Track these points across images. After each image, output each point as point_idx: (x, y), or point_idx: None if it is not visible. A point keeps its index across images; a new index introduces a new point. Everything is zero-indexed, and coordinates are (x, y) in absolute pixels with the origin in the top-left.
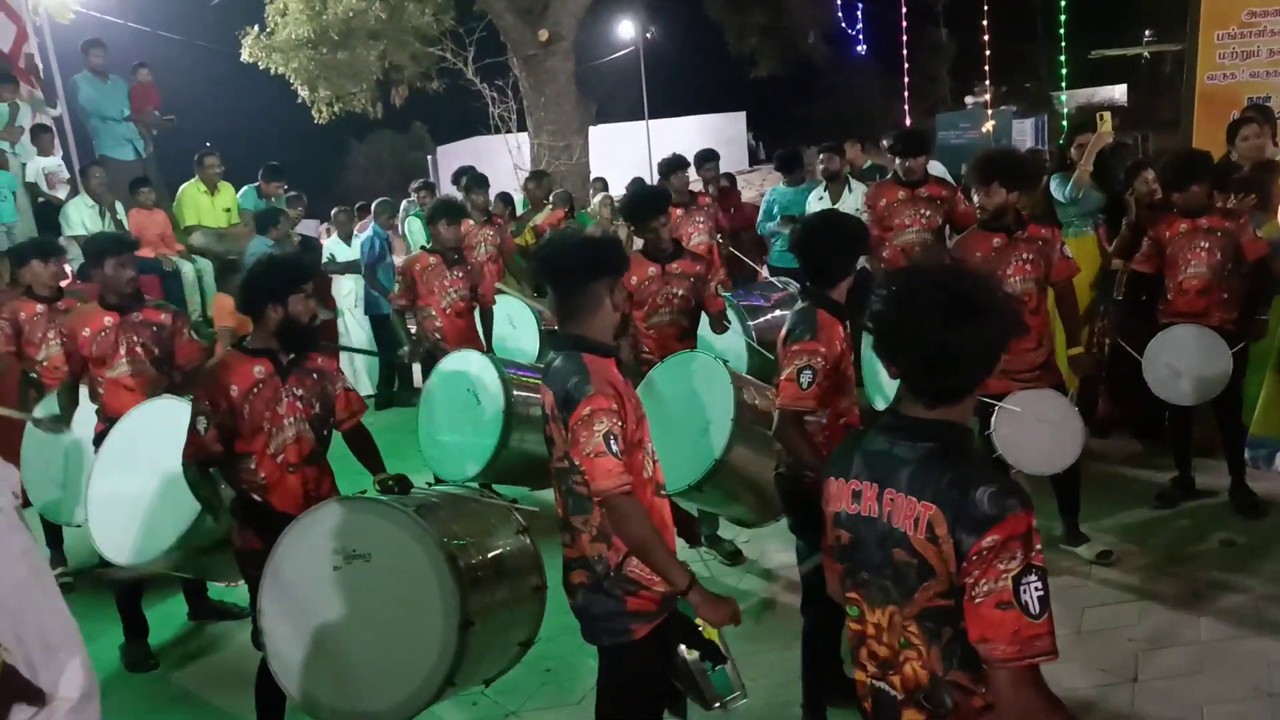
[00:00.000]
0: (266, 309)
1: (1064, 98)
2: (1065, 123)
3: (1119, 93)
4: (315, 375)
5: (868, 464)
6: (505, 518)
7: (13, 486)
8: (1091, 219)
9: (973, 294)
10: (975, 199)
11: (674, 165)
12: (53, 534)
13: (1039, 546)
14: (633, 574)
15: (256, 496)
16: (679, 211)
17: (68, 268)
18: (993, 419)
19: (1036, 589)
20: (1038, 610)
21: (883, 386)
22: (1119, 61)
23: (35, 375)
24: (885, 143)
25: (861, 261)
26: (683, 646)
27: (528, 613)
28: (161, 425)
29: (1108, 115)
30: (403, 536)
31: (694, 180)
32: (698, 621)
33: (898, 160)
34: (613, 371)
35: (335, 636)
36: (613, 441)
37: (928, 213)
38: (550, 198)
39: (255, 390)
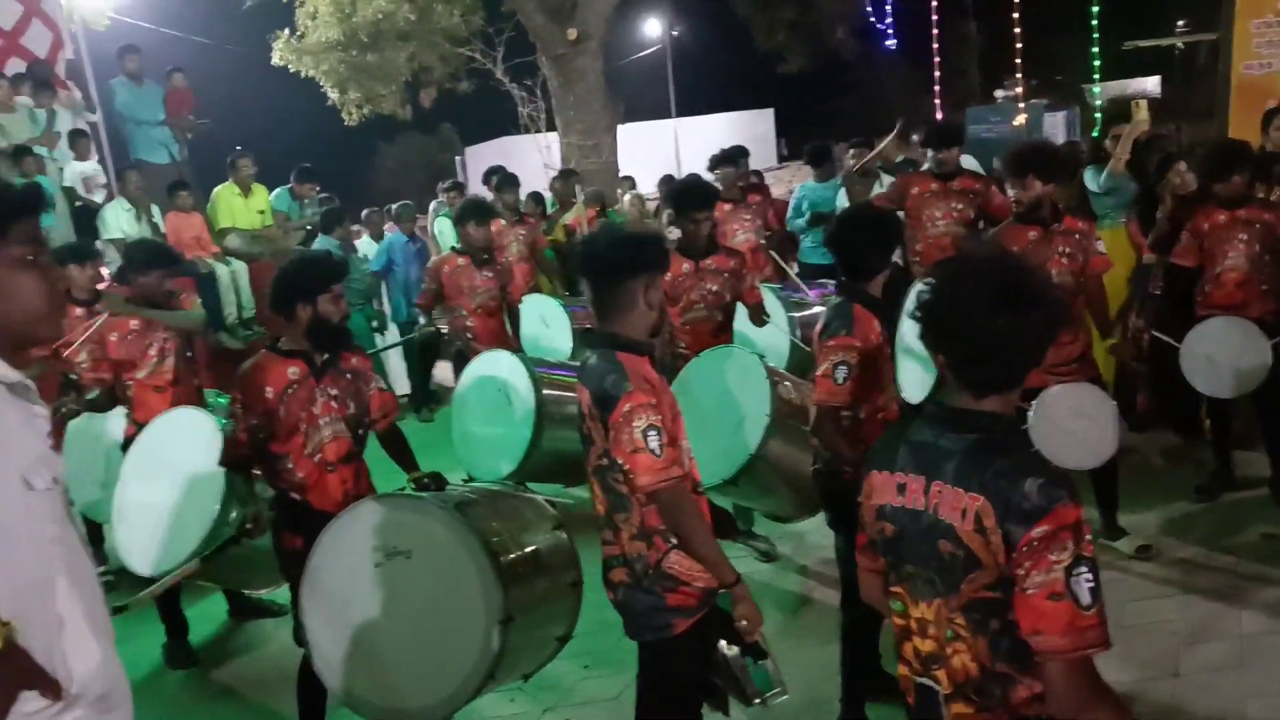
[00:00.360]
0: (296, 308)
1: (1097, 90)
2: (1099, 115)
3: (1152, 84)
4: (349, 375)
5: (913, 456)
6: (542, 513)
7: (55, 472)
8: (1125, 211)
9: (1023, 284)
10: (1010, 192)
11: (721, 160)
12: (93, 532)
13: (1089, 537)
14: (672, 570)
15: (296, 495)
16: (726, 207)
17: (104, 271)
18: (1029, 412)
19: (1087, 580)
20: (1089, 601)
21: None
22: (1152, 52)
23: (75, 377)
24: (916, 137)
25: None
26: (723, 642)
27: (565, 608)
28: (182, 435)
29: (1143, 103)
30: (444, 533)
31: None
32: None
33: (930, 152)
34: (648, 369)
35: (377, 633)
36: (653, 435)
37: (960, 206)
38: (580, 196)
39: (290, 391)
